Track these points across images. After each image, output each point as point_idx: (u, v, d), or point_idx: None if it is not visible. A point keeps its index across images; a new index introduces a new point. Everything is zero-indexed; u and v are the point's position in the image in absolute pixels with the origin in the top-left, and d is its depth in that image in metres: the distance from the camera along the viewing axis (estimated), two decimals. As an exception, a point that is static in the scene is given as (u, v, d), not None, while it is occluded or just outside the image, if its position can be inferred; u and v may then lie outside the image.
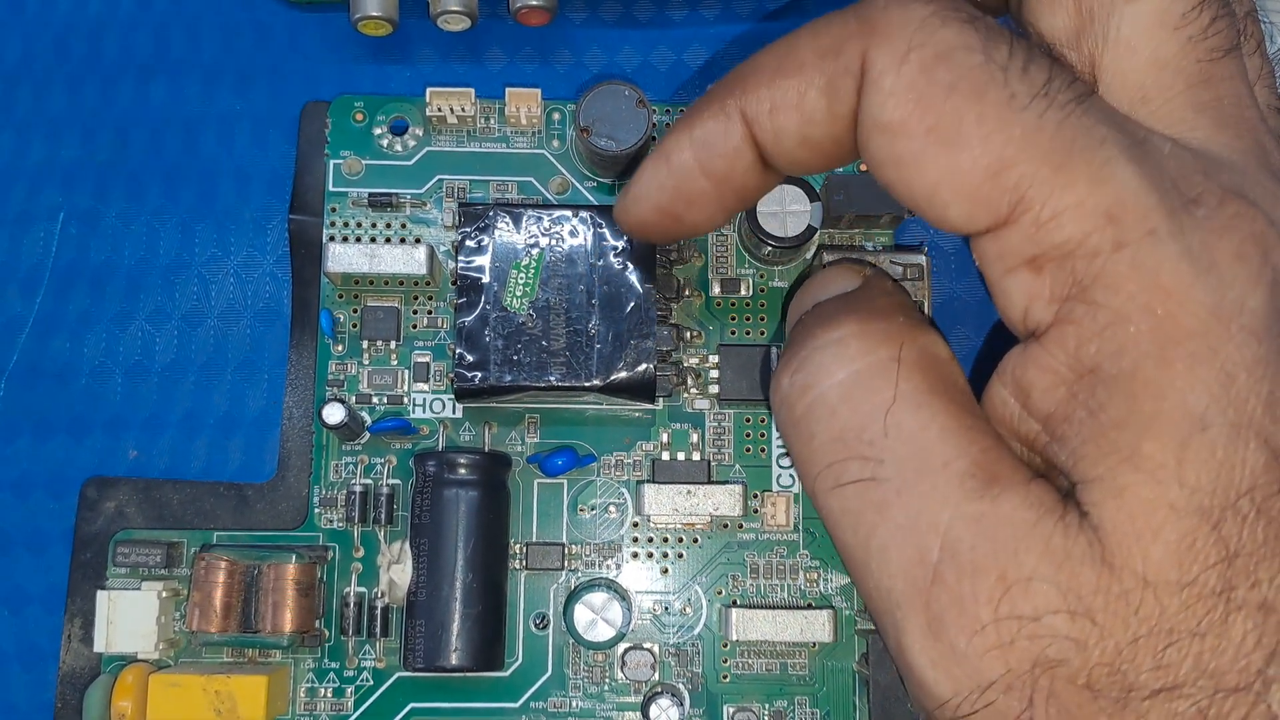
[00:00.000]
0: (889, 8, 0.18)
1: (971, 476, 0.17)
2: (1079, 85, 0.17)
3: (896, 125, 0.17)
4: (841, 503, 0.18)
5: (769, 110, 0.19)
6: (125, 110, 0.33)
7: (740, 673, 0.30)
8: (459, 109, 0.31)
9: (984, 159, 0.17)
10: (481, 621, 0.28)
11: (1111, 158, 0.16)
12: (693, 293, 0.31)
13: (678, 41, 0.33)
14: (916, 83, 0.17)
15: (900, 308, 0.20)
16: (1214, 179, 0.17)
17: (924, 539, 0.17)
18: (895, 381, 0.18)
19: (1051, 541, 0.16)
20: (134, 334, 0.32)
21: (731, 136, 0.20)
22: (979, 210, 0.17)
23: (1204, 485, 0.16)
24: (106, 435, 0.31)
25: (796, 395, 0.19)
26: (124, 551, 0.29)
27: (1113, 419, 0.16)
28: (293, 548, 0.29)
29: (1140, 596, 0.16)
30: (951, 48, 0.17)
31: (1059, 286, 0.17)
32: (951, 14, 0.17)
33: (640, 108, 0.30)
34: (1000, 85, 0.17)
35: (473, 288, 0.29)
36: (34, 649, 0.30)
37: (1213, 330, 0.16)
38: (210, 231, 0.32)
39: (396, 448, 0.30)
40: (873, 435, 0.18)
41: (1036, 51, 0.17)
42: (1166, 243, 0.16)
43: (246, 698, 0.28)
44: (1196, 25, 0.18)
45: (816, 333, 0.19)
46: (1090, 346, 0.16)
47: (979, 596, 0.16)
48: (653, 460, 0.30)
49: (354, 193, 0.31)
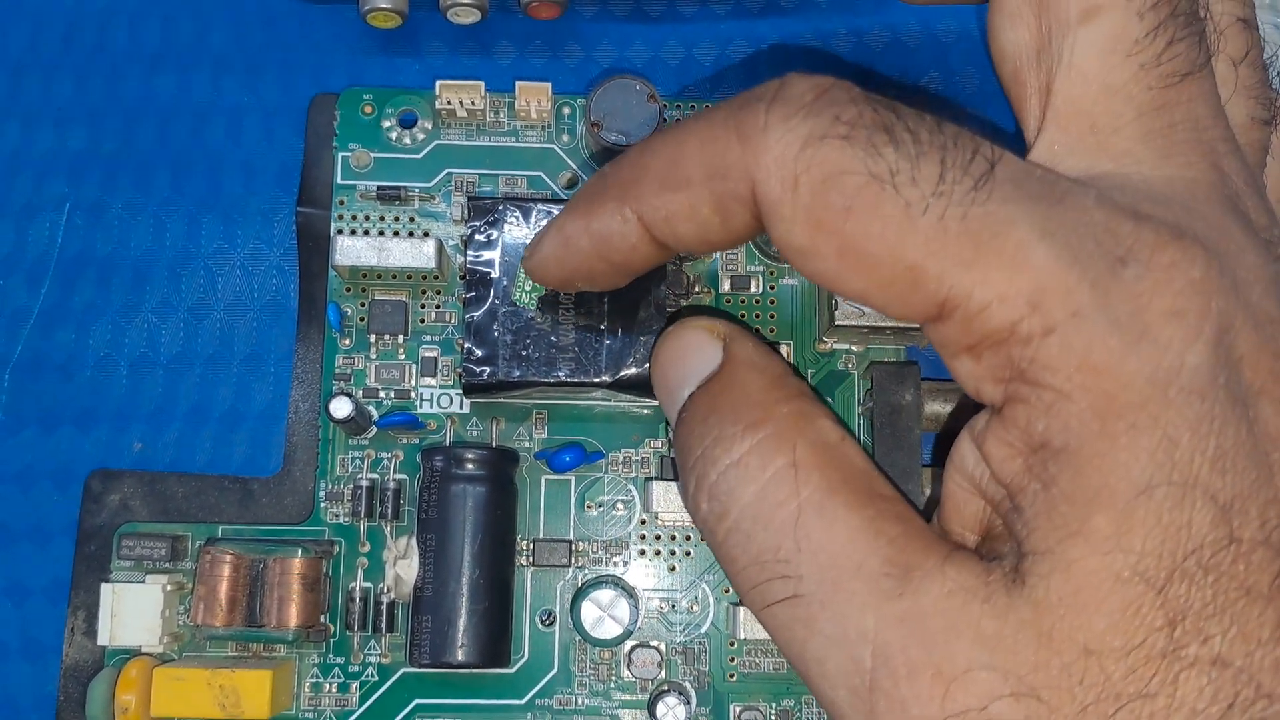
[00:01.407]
0: (768, 130, 0.17)
1: (886, 575, 0.17)
2: (976, 165, 0.17)
3: (809, 250, 0.17)
4: (773, 621, 0.19)
5: (664, 218, 0.19)
6: (132, 101, 0.33)
7: (747, 671, 0.30)
8: (469, 102, 0.31)
9: (897, 271, 0.17)
10: (488, 618, 0.28)
11: (1023, 240, 0.16)
12: (703, 289, 0.31)
13: (688, 36, 0.33)
14: (813, 209, 0.17)
15: (776, 389, 0.20)
16: (1147, 223, 0.17)
17: (854, 648, 0.17)
18: (797, 490, 0.18)
19: (981, 626, 0.16)
20: (140, 326, 0.31)
21: (629, 236, 0.20)
22: (910, 311, 0.17)
23: (1150, 550, 0.16)
24: (111, 427, 0.31)
25: (715, 522, 0.20)
26: (128, 544, 0.29)
27: (1063, 492, 0.16)
28: (298, 542, 0.29)
29: (1084, 666, 0.16)
30: (836, 170, 0.17)
31: (999, 370, 0.17)
32: (830, 130, 0.17)
33: (651, 103, 0.30)
34: (891, 197, 0.16)
35: (481, 282, 0.28)
36: (37, 642, 0.30)
37: (1151, 399, 0.16)
38: (217, 224, 0.32)
39: (403, 442, 0.30)
40: (787, 552, 0.18)
41: (926, 139, 0.17)
42: (1093, 319, 0.16)
43: (251, 692, 0.28)
44: (1150, 51, 0.18)
45: (715, 455, 0.20)
46: (1039, 424, 0.16)
47: (920, 697, 0.16)
48: (661, 457, 0.30)
49: (362, 185, 0.31)
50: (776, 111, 0.17)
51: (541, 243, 0.22)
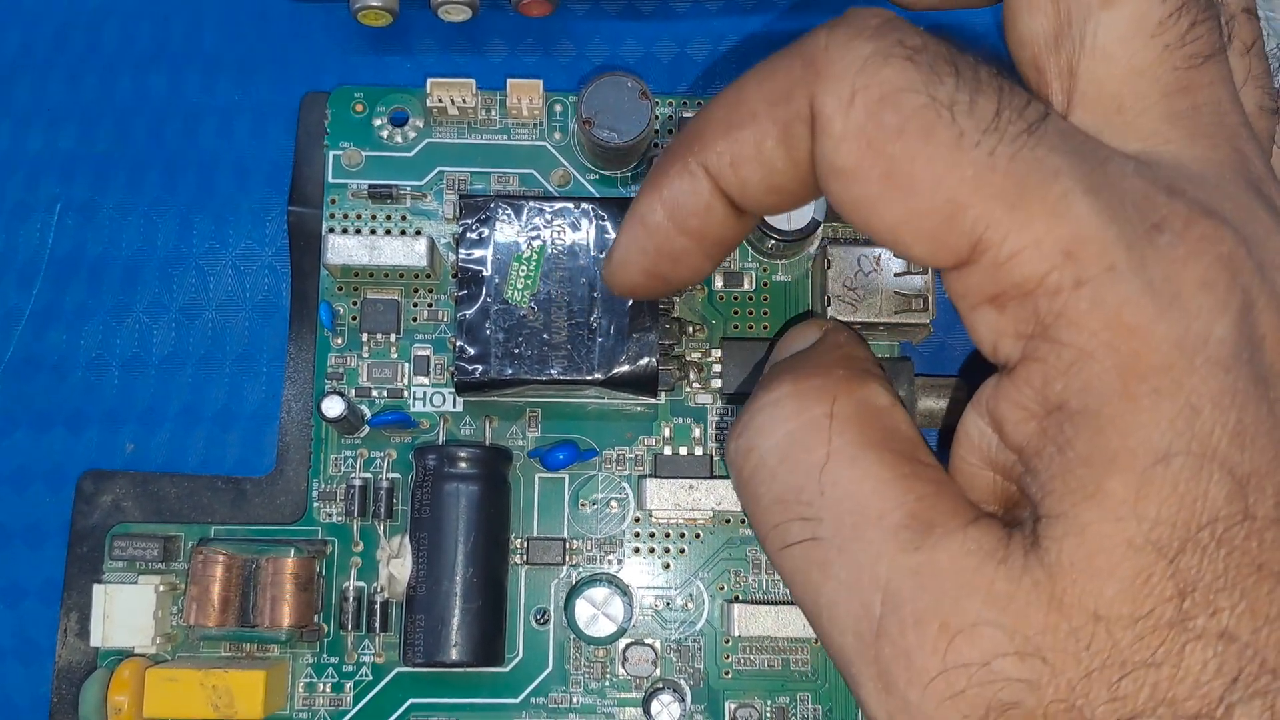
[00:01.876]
0: (830, 48, 0.17)
1: (906, 528, 0.17)
2: (1031, 111, 0.17)
3: (851, 170, 0.17)
4: (789, 563, 0.19)
5: (730, 164, 0.19)
6: (124, 101, 0.33)
7: (742, 669, 0.30)
8: (460, 100, 0.31)
9: (938, 202, 0.16)
10: (482, 616, 0.28)
11: (1067, 190, 0.16)
12: (696, 287, 0.31)
13: (681, 33, 0.33)
14: (865, 127, 0.17)
15: (845, 360, 0.20)
16: (1180, 198, 0.17)
17: (866, 595, 0.17)
18: (829, 438, 0.18)
19: (994, 586, 0.16)
20: (131, 326, 0.31)
21: (700, 194, 0.19)
22: (940, 251, 0.17)
23: (1164, 519, 0.16)
24: (103, 428, 0.31)
25: (741, 459, 0.20)
26: (121, 545, 0.29)
27: (1079, 455, 0.16)
28: (291, 542, 0.29)
29: (1091, 631, 0.16)
30: (896, 89, 0.17)
31: (1023, 324, 0.17)
32: (894, 50, 0.17)
33: (643, 100, 0.30)
34: (948, 124, 0.16)
35: (473, 280, 0.28)
36: (30, 643, 0.30)
37: (1177, 364, 0.16)
38: (209, 223, 0.32)
39: (396, 441, 0.30)
40: (810, 495, 0.18)
41: (985, 79, 0.17)
42: (1127, 277, 0.16)
43: (244, 693, 0.27)
44: (1174, 32, 0.18)
45: (757, 395, 0.20)
46: (1057, 384, 0.16)
47: (924, 647, 0.16)
48: (655, 455, 0.30)
49: (354, 184, 0.31)
50: (840, 33, 0.17)
51: (617, 240, 0.21)
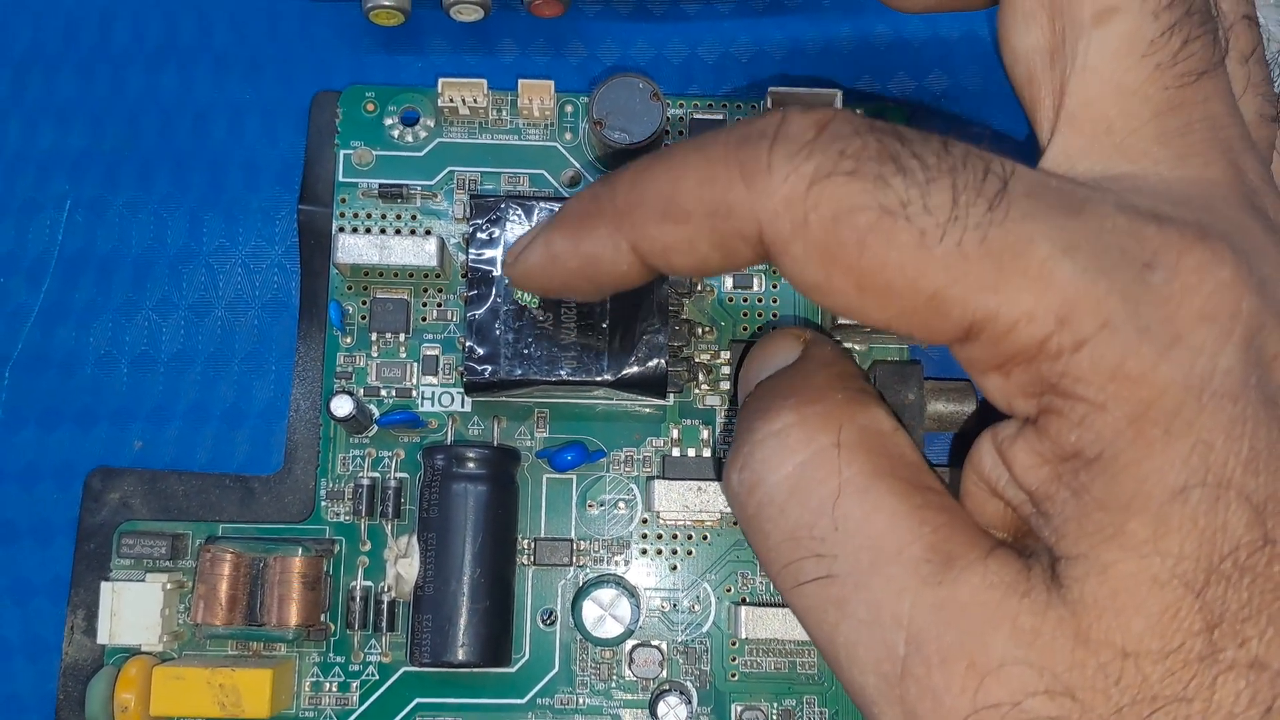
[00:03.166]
0: (772, 170, 0.17)
1: (927, 561, 0.17)
2: (989, 184, 0.16)
3: (824, 286, 0.17)
4: (803, 601, 0.18)
5: (660, 250, 0.19)
6: (134, 99, 0.33)
7: (749, 671, 0.29)
8: (471, 100, 0.31)
9: (920, 301, 0.16)
10: (489, 617, 0.28)
11: (1046, 257, 0.16)
12: (705, 289, 0.31)
13: (691, 35, 0.33)
14: (826, 246, 0.17)
15: (839, 380, 0.20)
16: (1170, 225, 0.16)
17: (888, 634, 0.17)
18: (839, 470, 0.18)
19: (1019, 621, 0.16)
20: (140, 324, 0.31)
21: (620, 263, 0.19)
22: (935, 336, 0.17)
23: (1187, 554, 0.15)
24: (112, 425, 0.31)
25: (745, 493, 0.19)
26: (128, 543, 0.29)
27: (1096, 500, 0.16)
28: (299, 541, 0.29)
29: (1120, 668, 0.15)
30: (846, 208, 0.16)
31: (1031, 385, 0.17)
32: (836, 165, 0.17)
33: (654, 101, 0.30)
34: (905, 228, 0.16)
35: (483, 280, 0.28)
36: (38, 640, 0.30)
37: (1186, 404, 0.16)
38: (218, 221, 0.32)
39: (405, 441, 0.30)
40: (823, 531, 0.18)
41: (934, 165, 0.16)
42: (1124, 330, 0.16)
43: (251, 691, 0.27)
44: (1166, 51, 0.18)
45: (757, 425, 0.19)
46: (1070, 435, 0.16)
47: (952, 688, 0.16)
48: (663, 456, 0.30)
49: (364, 183, 0.31)
50: (780, 150, 0.17)
51: (526, 254, 0.21)
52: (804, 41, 0.33)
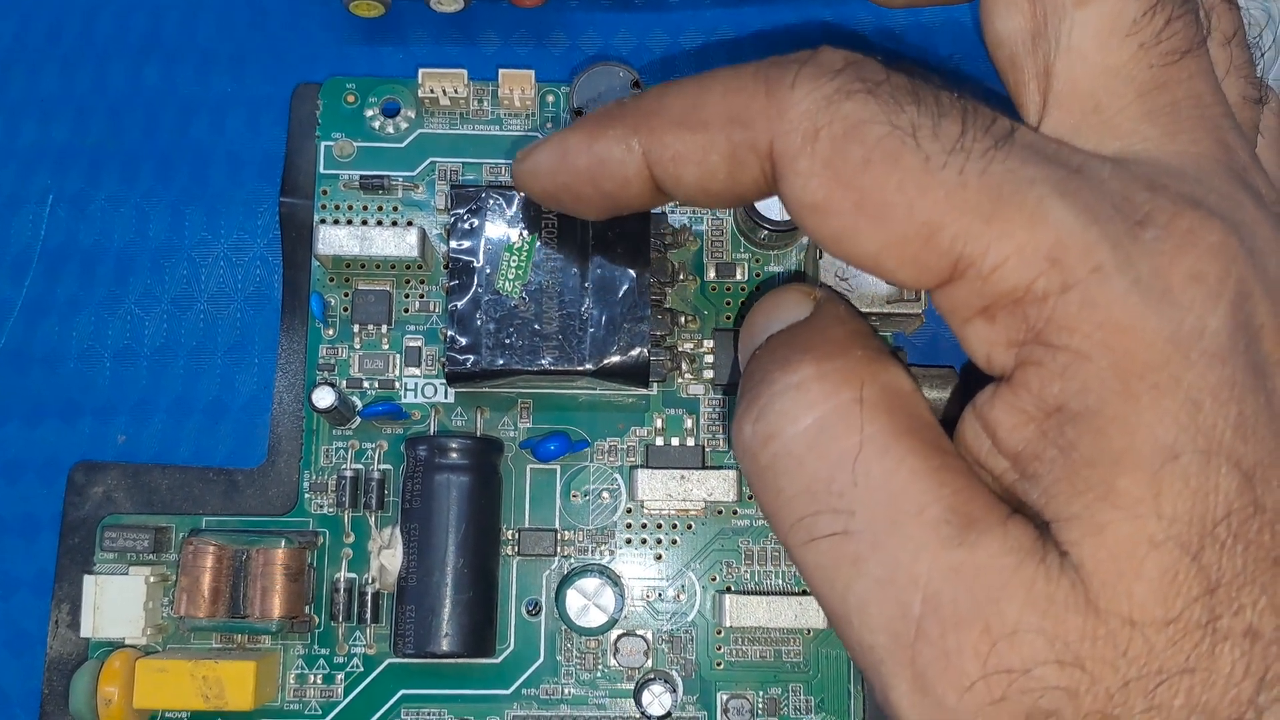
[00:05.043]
0: (796, 87, 0.17)
1: (947, 523, 0.17)
2: (997, 127, 0.17)
3: (822, 205, 0.17)
4: (815, 558, 0.18)
5: (670, 158, 0.19)
6: (117, 93, 0.32)
7: (734, 660, 0.29)
8: (452, 91, 0.31)
9: (914, 226, 0.17)
10: (473, 607, 0.28)
11: (1043, 196, 0.16)
12: (688, 277, 0.31)
13: (673, 24, 0.33)
14: (831, 161, 0.17)
15: (857, 337, 0.19)
16: (1163, 192, 0.17)
17: (903, 593, 0.17)
18: (860, 426, 0.18)
19: (1034, 587, 0.16)
20: (123, 317, 0.31)
21: (627, 168, 0.20)
22: (923, 273, 0.17)
23: (1181, 516, 0.15)
24: (95, 420, 0.31)
25: (759, 445, 0.18)
26: (112, 536, 0.29)
27: (1084, 457, 0.16)
28: (282, 533, 0.29)
29: (1128, 638, 0.15)
30: (858, 121, 0.17)
31: (1014, 332, 0.17)
32: (855, 86, 0.17)
33: (635, 89, 0.30)
34: (913, 150, 0.16)
35: (465, 271, 0.28)
36: (22, 634, 0.30)
37: (1173, 359, 0.16)
38: (200, 215, 0.32)
39: (388, 432, 0.30)
40: (841, 486, 0.17)
41: (948, 103, 0.17)
42: (1114, 277, 0.16)
43: (235, 684, 0.27)
44: (1149, 30, 0.18)
45: (774, 376, 0.19)
46: (1053, 386, 0.16)
47: (964, 650, 0.16)
48: (646, 446, 0.30)
49: (345, 175, 0.31)
50: (807, 71, 0.18)
51: (538, 150, 0.21)
52: (785, 29, 0.33)
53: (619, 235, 0.28)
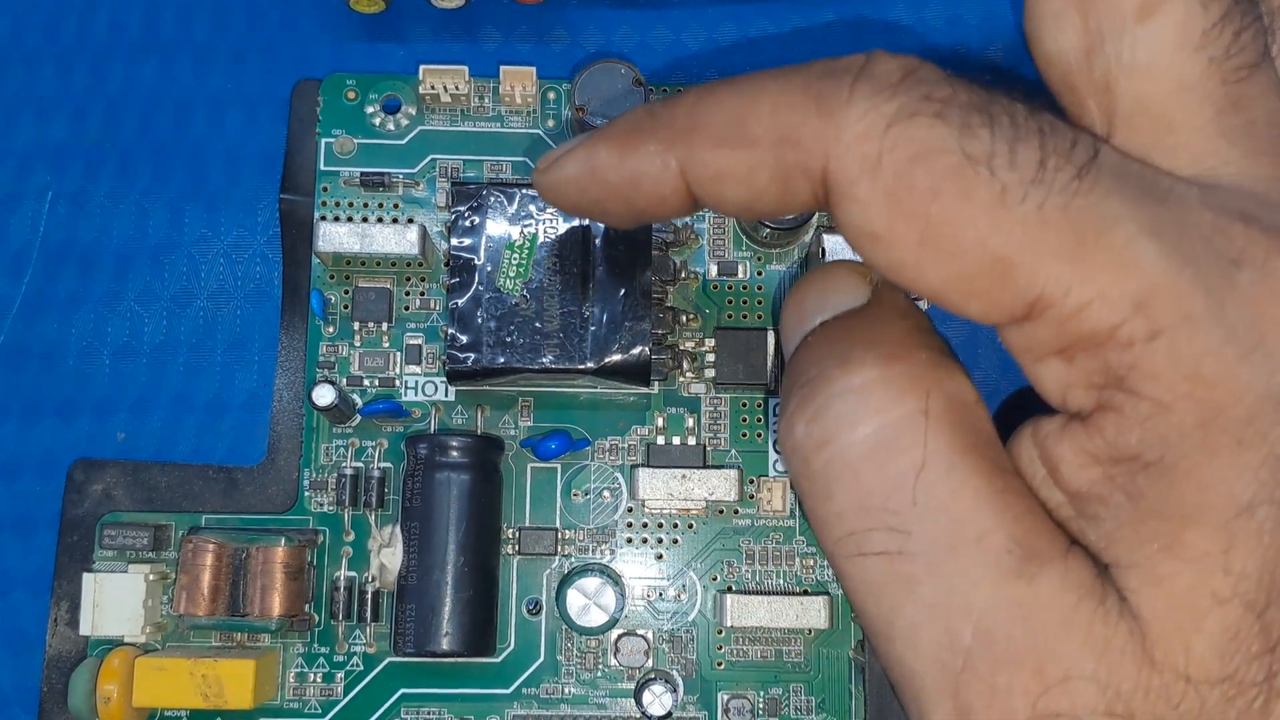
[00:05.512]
0: (853, 102, 0.16)
1: (1009, 553, 0.16)
2: (1079, 152, 0.16)
3: (885, 236, 0.16)
4: (863, 573, 0.17)
5: (712, 176, 0.18)
6: (115, 89, 0.32)
7: (735, 660, 0.29)
8: (452, 87, 0.30)
9: (986, 264, 0.15)
10: (473, 606, 0.28)
11: (1131, 237, 0.15)
12: (689, 275, 0.31)
13: (675, 21, 0.33)
14: (895, 191, 0.16)
15: (919, 335, 0.18)
16: (1256, 225, 0.16)
17: (955, 621, 0.16)
18: (924, 440, 0.17)
19: (1092, 630, 0.15)
20: (123, 315, 0.31)
21: (663, 185, 0.18)
22: (994, 310, 0.16)
23: (1250, 573, 0.15)
24: (94, 417, 0.31)
25: (813, 449, 0.17)
26: (111, 534, 0.29)
27: (1153, 507, 0.15)
28: (282, 531, 0.29)
29: (1182, 693, 0.15)
30: (927, 149, 0.15)
31: (1094, 375, 0.16)
32: (920, 105, 0.16)
33: (636, 86, 0.29)
34: (987, 181, 0.15)
35: (465, 269, 0.28)
36: (21, 633, 0.30)
37: (1261, 414, 0.15)
38: (200, 211, 0.32)
39: (388, 430, 0.30)
40: (899, 504, 0.16)
41: (1024, 123, 0.16)
42: (1206, 326, 0.15)
43: (234, 682, 0.27)
44: (1219, 44, 0.17)
45: (833, 374, 0.18)
46: (1131, 436, 0.15)
47: (1014, 690, 0.15)
48: (648, 445, 0.30)
49: (345, 172, 0.31)
50: (862, 87, 0.16)
51: (564, 162, 0.19)
52: (788, 26, 0.33)
53: (620, 233, 0.28)
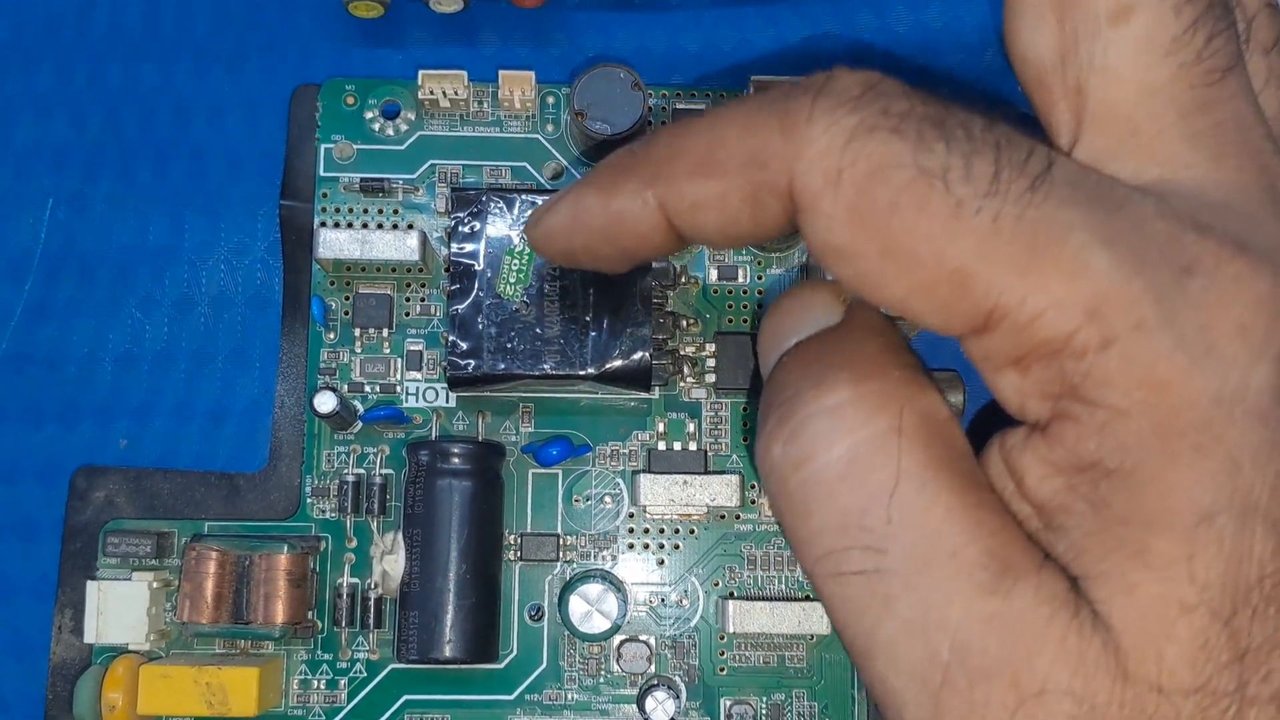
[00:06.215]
0: (813, 120, 0.16)
1: (983, 568, 0.16)
2: (1033, 163, 0.16)
3: (849, 249, 0.16)
4: (842, 591, 0.17)
5: (690, 206, 0.18)
6: (114, 93, 0.32)
7: (737, 665, 0.29)
8: (451, 92, 0.30)
9: (944, 274, 0.16)
10: (475, 613, 0.28)
11: (1083, 245, 0.15)
12: (689, 280, 0.31)
13: (674, 24, 0.33)
14: (856, 205, 0.16)
15: (892, 353, 0.18)
16: (1210, 234, 0.16)
17: (933, 637, 0.16)
18: (897, 458, 0.17)
19: (1066, 643, 0.15)
20: (124, 321, 0.31)
21: (646, 222, 0.19)
22: (953, 320, 0.16)
23: (1214, 580, 0.15)
24: (96, 424, 0.31)
25: (789, 469, 0.18)
26: (114, 541, 0.29)
27: (1117, 514, 0.15)
28: (285, 538, 0.29)
29: (1155, 704, 0.15)
30: (883, 164, 0.16)
31: (1050, 385, 0.16)
32: (879, 120, 0.16)
33: (635, 91, 0.29)
34: (942, 194, 0.15)
35: (466, 274, 0.28)
36: (25, 640, 0.30)
37: (1215, 419, 0.15)
38: (200, 217, 0.32)
39: (389, 437, 0.30)
40: (874, 522, 0.17)
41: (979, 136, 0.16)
42: (1157, 333, 0.15)
43: (238, 689, 0.27)
44: (1189, 49, 0.17)
45: (808, 396, 0.18)
46: (1089, 443, 0.16)
47: (992, 704, 0.16)
48: (649, 450, 0.30)
49: (345, 178, 0.31)
50: (822, 103, 0.16)
51: (552, 211, 0.20)
52: (787, 30, 0.33)
53: (621, 239, 0.28)
